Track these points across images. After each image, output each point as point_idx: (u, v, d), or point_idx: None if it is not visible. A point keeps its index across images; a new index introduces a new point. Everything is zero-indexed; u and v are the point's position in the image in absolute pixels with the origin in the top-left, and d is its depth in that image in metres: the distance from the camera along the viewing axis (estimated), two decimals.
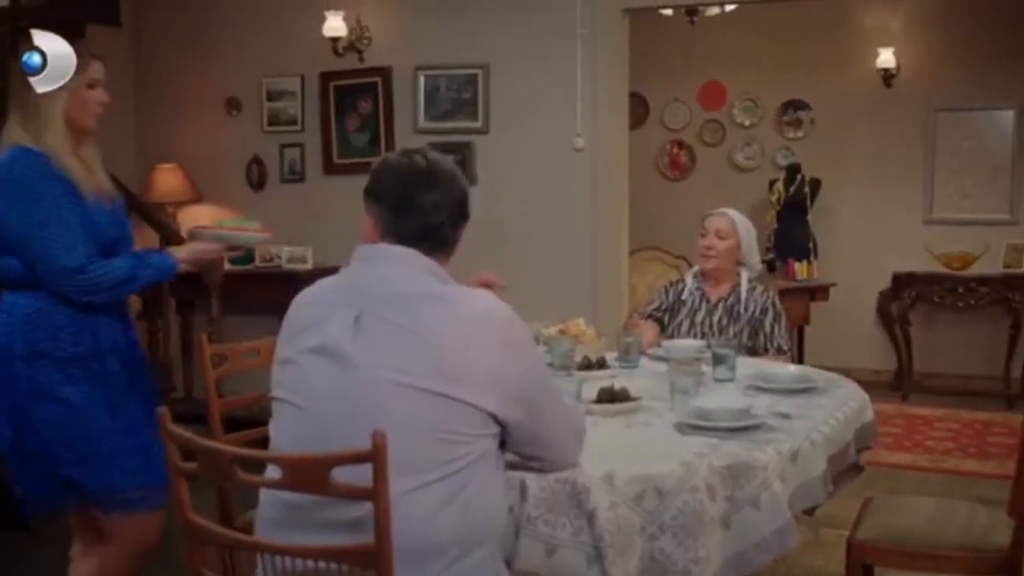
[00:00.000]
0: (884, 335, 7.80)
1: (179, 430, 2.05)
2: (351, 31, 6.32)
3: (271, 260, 6.42)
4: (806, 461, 2.55)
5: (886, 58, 7.64)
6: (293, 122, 6.75)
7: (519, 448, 2.19)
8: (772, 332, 3.98)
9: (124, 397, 3.00)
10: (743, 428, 2.59)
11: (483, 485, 2.05)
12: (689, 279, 4.19)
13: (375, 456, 1.81)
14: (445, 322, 2.03)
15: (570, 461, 2.26)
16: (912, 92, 7.67)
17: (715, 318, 4.04)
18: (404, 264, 2.12)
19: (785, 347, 4.01)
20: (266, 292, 5.88)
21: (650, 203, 7.80)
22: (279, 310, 2.36)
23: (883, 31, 7.76)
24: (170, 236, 6.00)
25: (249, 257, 6.26)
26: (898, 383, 7.47)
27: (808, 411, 2.87)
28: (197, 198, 6.95)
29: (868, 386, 3.50)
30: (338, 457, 1.86)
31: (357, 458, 1.82)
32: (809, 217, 7.71)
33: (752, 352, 3.90)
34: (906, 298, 7.45)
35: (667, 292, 4.22)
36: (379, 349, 2.01)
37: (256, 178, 6.86)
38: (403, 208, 2.14)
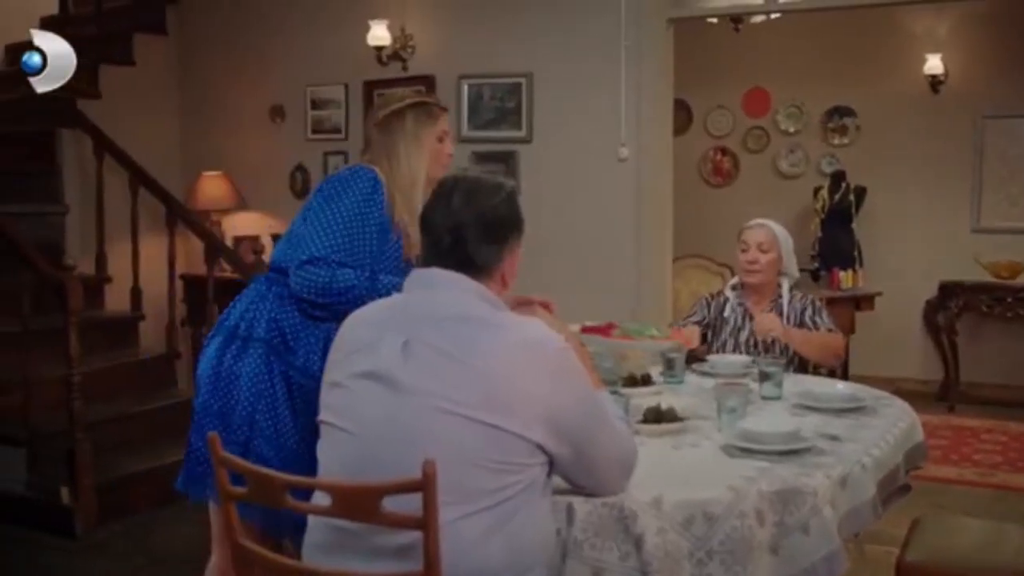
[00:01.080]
0: (930, 345, 7.73)
1: (230, 455, 2.06)
2: (395, 40, 6.36)
3: None
4: (856, 486, 2.52)
5: (934, 64, 7.55)
6: (337, 130, 6.78)
7: (565, 475, 2.18)
8: (821, 318, 3.96)
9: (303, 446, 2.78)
10: (792, 451, 2.56)
11: (533, 511, 2.04)
12: (729, 292, 4.14)
13: (425, 486, 1.80)
14: (496, 350, 2.02)
15: (616, 490, 2.24)
16: (960, 99, 7.56)
17: (759, 335, 3.99)
18: (455, 289, 2.12)
19: (835, 328, 3.99)
20: None
21: (693, 210, 7.72)
22: None
23: (931, 37, 7.66)
24: (216, 245, 6.04)
25: None
26: (944, 394, 7.38)
27: (858, 433, 2.84)
28: (242, 206, 7.02)
29: (914, 396, 3.47)
30: (388, 486, 1.86)
31: (407, 487, 1.82)
32: (854, 225, 7.63)
33: None
34: (953, 307, 7.36)
35: (708, 305, 4.17)
36: (428, 376, 2.00)
37: (300, 186, 6.89)
38: (426, 233, 2.18)
